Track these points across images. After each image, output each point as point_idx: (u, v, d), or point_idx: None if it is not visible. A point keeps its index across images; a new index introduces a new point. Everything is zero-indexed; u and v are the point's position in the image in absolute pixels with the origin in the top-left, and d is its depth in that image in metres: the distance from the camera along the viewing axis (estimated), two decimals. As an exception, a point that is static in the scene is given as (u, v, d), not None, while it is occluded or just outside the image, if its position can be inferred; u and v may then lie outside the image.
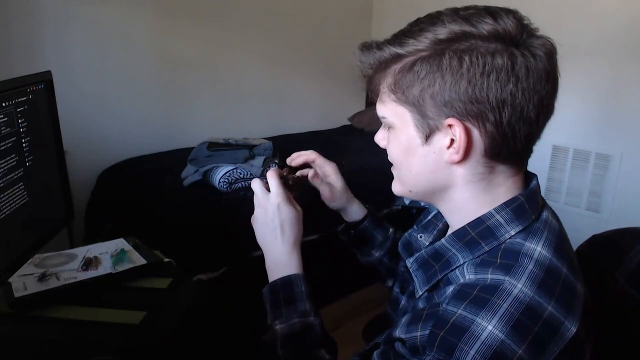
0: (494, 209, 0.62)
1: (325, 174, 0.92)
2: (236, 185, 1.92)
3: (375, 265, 0.97)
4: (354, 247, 0.98)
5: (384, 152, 0.71)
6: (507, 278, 0.55)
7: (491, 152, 0.59)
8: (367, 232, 0.94)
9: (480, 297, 0.54)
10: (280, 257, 0.77)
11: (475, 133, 0.58)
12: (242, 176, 1.93)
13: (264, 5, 2.73)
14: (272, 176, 0.80)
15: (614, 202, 2.37)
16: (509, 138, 0.58)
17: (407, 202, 2.26)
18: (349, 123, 3.18)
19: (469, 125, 0.58)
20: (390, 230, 0.96)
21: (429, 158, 0.62)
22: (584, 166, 2.45)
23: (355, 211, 0.94)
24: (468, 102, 0.57)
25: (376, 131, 0.71)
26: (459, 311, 0.54)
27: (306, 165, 0.93)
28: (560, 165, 2.53)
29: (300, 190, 0.89)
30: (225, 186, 1.90)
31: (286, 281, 0.76)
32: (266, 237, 0.79)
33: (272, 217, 0.78)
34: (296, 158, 0.91)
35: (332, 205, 0.93)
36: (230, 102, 2.73)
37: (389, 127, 0.66)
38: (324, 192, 0.92)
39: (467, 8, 0.59)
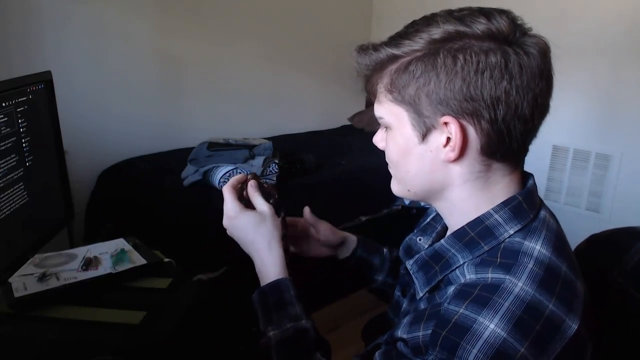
0: (492, 209, 0.62)
1: (307, 223, 0.93)
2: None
3: (382, 289, 0.97)
4: (358, 274, 0.98)
5: (383, 152, 0.71)
6: (507, 277, 0.55)
7: (487, 150, 0.60)
8: (363, 259, 0.95)
9: (482, 296, 0.54)
10: (261, 262, 0.78)
11: (471, 130, 0.59)
12: (242, 176, 1.93)
13: (264, 5, 2.73)
14: (225, 190, 0.81)
15: (614, 202, 2.37)
16: (504, 135, 0.58)
17: (407, 202, 2.26)
18: (349, 123, 3.18)
19: (465, 123, 0.58)
20: (385, 250, 0.96)
21: (426, 157, 0.62)
22: (584, 166, 2.45)
23: (351, 243, 0.95)
24: (463, 100, 0.57)
25: (376, 131, 0.72)
26: (461, 310, 0.54)
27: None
28: (560, 165, 2.53)
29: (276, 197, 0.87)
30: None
31: (274, 286, 0.76)
32: (243, 247, 0.80)
33: (231, 233, 0.80)
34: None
35: (330, 243, 0.93)
36: (230, 102, 2.73)
37: (387, 128, 0.67)
38: (314, 236, 0.92)
39: (461, 9, 0.60)
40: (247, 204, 0.81)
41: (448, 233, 0.69)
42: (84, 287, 0.97)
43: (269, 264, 0.77)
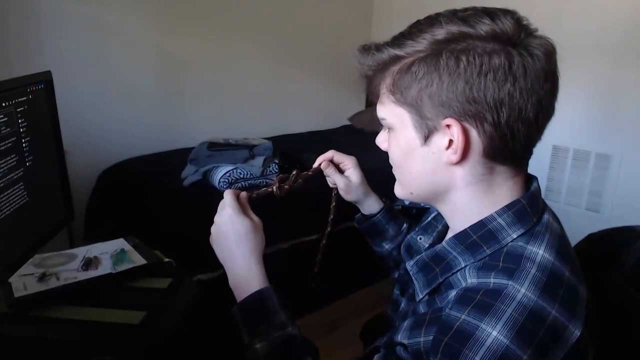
0: (495, 212, 0.62)
1: (345, 167, 0.94)
2: (236, 185, 1.92)
3: (384, 256, 0.98)
4: (366, 237, 0.99)
5: (383, 152, 0.71)
6: (510, 282, 0.55)
7: (490, 153, 0.59)
8: (380, 225, 0.96)
9: (484, 302, 0.54)
10: (241, 271, 0.75)
11: (474, 133, 0.58)
12: (242, 176, 1.93)
13: (264, 5, 2.73)
14: (227, 193, 0.80)
15: (614, 202, 2.37)
16: (507, 138, 0.58)
17: (407, 202, 2.26)
18: (349, 123, 3.18)
19: (467, 126, 0.58)
20: (405, 225, 0.97)
21: (429, 159, 0.62)
22: (584, 166, 2.45)
23: (371, 205, 0.96)
24: (465, 102, 0.57)
25: (376, 131, 0.71)
26: (463, 316, 0.54)
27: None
28: (561, 165, 2.53)
29: (294, 188, 0.90)
30: (225, 186, 1.90)
31: (257, 297, 0.72)
32: (224, 252, 0.77)
33: (225, 231, 0.76)
34: (318, 160, 0.94)
35: (347, 197, 0.95)
36: (230, 102, 2.73)
37: (389, 129, 0.66)
38: (340, 184, 0.93)
39: (465, 9, 0.59)
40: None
41: (449, 234, 0.69)
42: (84, 287, 0.97)
43: (251, 273, 0.75)
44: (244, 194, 0.82)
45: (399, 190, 0.70)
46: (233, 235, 0.76)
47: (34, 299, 0.91)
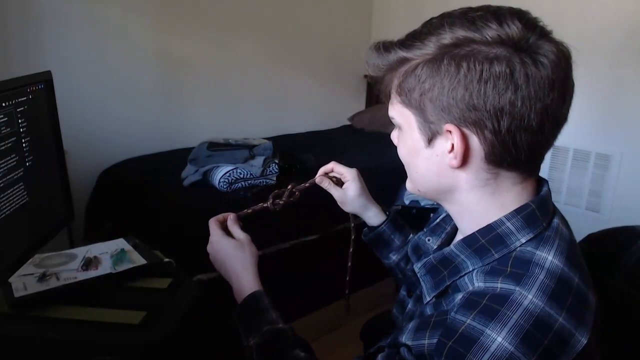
0: (504, 216, 0.61)
1: (344, 179, 0.97)
2: (236, 185, 1.92)
3: (392, 268, 0.98)
4: (373, 249, 0.99)
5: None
6: (517, 288, 0.54)
7: (492, 159, 0.58)
8: (385, 235, 0.96)
9: (490, 307, 0.53)
10: (237, 284, 0.82)
11: (474, 140, 0.58)
12: (242, 176, 1.93)
13: (264, 5, 2.73)
14: (210, 221, 0.88)
15: (614, 202, 2.37)
16: (509, 146, 0.57)
17: (407, 202, 2.26)
18: (349, 123, 3.18)
19: (467, 132, 0.57)
20: (411, 235, 0.96)
21: (433, 161, 0.62)
22: (584, 166, 2.45)
23: (372, 217, 0.96)
24: (465, 108, 0.56)
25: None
26: (468, 321, 0.53)
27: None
28: (561, 165, 2.53)
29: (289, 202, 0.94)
30: (225, 186, 1.90)
31: (249, 298, 0.79)
32: (222, 271, 0.85)
33: (216, 256, 0.86)
34: (319, 172, 0.98)
35: (344, 209, 0.96)
36: (230, 102, 2.73)
37: (399, 128, 0.67)
38: (335, 196, 0.95)
39: (477, 9, 0.57)
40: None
41: (458, 235, 0.69)
42: (84, 287, 0.97)
43: (245, 283, 0.81)
44: (232, 215, 0.89)
45: (409, 185, 0.71)
46: (223, 257, 0.84)
47: (34, 299, 0.91)
